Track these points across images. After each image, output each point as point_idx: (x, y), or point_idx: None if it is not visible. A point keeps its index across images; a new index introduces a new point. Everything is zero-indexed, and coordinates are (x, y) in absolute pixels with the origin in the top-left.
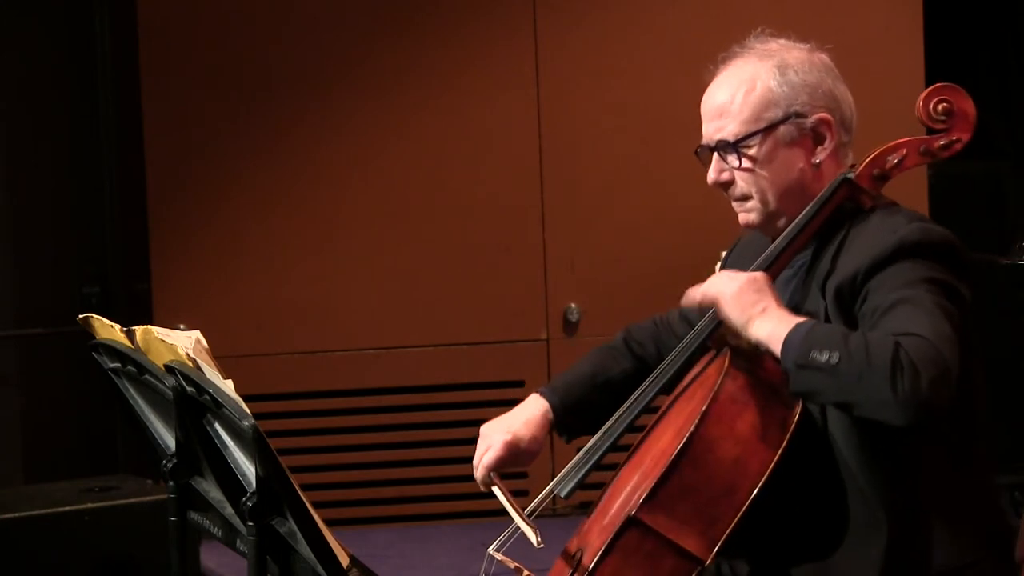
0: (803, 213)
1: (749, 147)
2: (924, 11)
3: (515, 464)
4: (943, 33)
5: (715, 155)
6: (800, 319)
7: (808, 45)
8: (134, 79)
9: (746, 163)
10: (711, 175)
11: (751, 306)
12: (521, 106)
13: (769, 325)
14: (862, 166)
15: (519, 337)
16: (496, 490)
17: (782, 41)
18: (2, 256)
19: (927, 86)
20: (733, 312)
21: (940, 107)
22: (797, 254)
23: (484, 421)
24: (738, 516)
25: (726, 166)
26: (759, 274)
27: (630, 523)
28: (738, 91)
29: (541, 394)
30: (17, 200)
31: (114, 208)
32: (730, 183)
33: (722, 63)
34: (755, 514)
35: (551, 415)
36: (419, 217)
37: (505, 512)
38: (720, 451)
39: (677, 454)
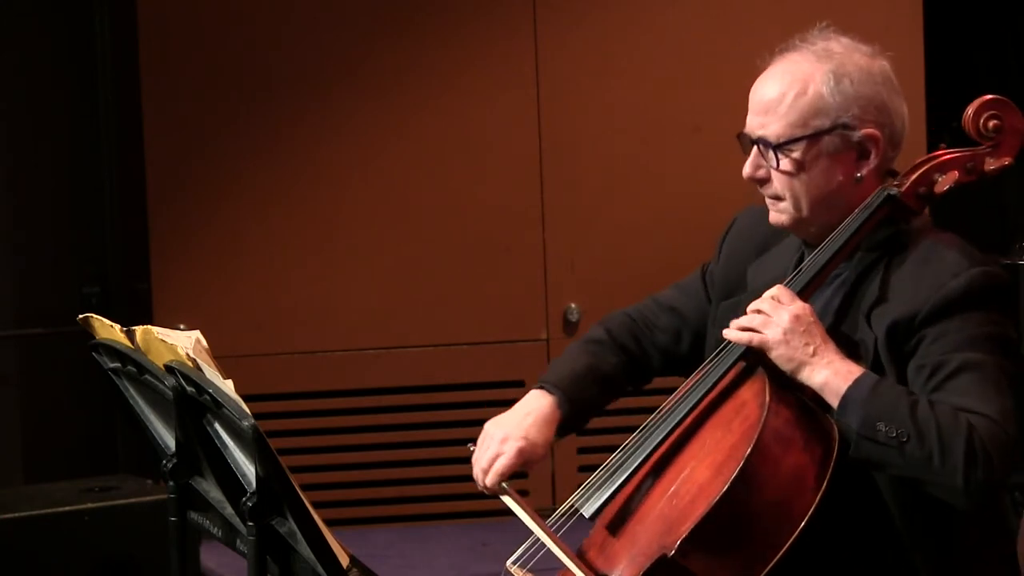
0: (841, 228)
1: (790, 151)
2: (924, 11)
3: (524, 468)
4: (943, 33)
5: (755, 148)
6: (855, 369)
7: (870, 49)
8: (134, 79)
9: (784, 165)
10: (747, 168)
11: (799, 349)
12: (521, 106)
13: (823, 374)
14: (908, 183)
15: (519, 337)
16: (507, 499)
17: (845, 41)
18: (2, 256)
19: (927, 86)
20: (781, 357)
21: (991, 124)
22: (834, 268)
23: (484, 421)
24: (777, 557)
25: (763, 163)
26: (802, 309)
27: (665, 561)
28: (789, 91)
29: (547, 390)
30: (17, 200)
31: (114, 208)
32: (765, 180)
33: (779, 53)
34: (792, 554)
35: (559, 414)
36: (419, 217)
37: (511, 514)
38: (764, 494)
39: (721, 498)
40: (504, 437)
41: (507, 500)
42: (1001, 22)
